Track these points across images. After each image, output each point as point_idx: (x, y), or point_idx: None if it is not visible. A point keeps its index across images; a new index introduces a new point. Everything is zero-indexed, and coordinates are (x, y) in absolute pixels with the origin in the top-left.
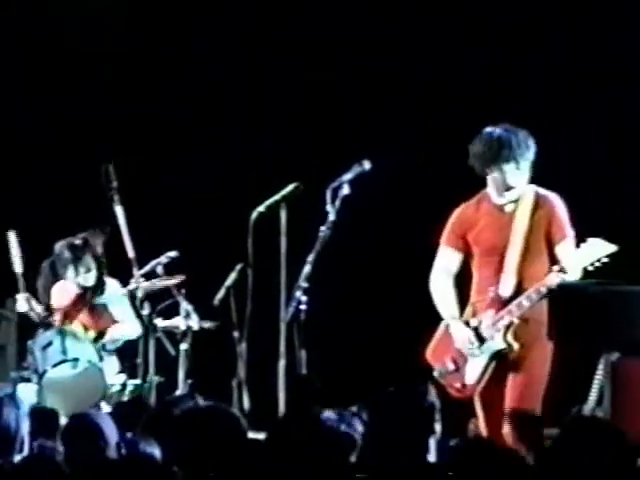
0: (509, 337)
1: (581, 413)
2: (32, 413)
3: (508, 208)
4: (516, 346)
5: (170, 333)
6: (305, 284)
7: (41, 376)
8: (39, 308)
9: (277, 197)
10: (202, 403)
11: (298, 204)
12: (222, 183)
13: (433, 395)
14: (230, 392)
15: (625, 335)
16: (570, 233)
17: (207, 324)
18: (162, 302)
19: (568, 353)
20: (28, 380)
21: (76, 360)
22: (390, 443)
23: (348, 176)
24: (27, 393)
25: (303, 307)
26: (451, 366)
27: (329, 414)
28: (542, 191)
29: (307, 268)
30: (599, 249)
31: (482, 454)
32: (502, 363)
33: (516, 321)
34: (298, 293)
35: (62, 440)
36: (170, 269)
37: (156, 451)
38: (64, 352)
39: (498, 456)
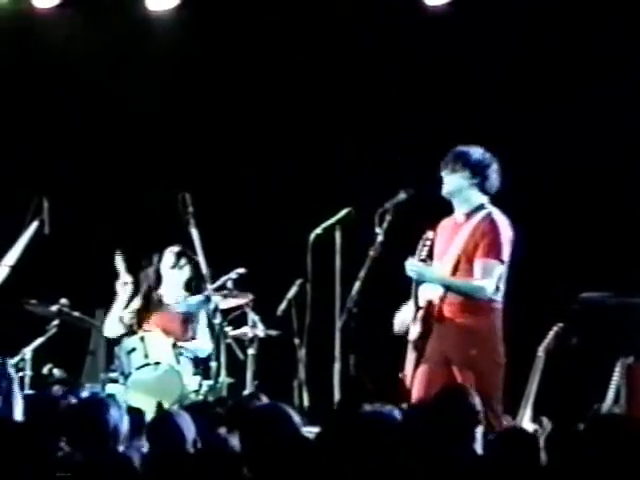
0: (418, 323)
1: (600, 410)
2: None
3: (459, 220)
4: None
5: (239, 340)
6: (357, 296)
7: (127, 378)
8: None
9: (332, 221)
10: (264, 402)
11: (351, 227)
12: (284, 209)
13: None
14: (292, 391)
15: (639, 341)
16: (494, 256)
17: (271, 332)
18: (233, 313)
19: (588, 357)
20: (115, 381)
21: (157, 364)
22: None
23: (390, 203)
24: (115, 393)
25: (355, 317)
26: None
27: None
28: (495, 212)
29: (358, 283)
30: None
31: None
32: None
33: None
34: (350, 304)
35: (147, 437)
36: (239, 284)
37: (235, 443)
38: (146, 356)
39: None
